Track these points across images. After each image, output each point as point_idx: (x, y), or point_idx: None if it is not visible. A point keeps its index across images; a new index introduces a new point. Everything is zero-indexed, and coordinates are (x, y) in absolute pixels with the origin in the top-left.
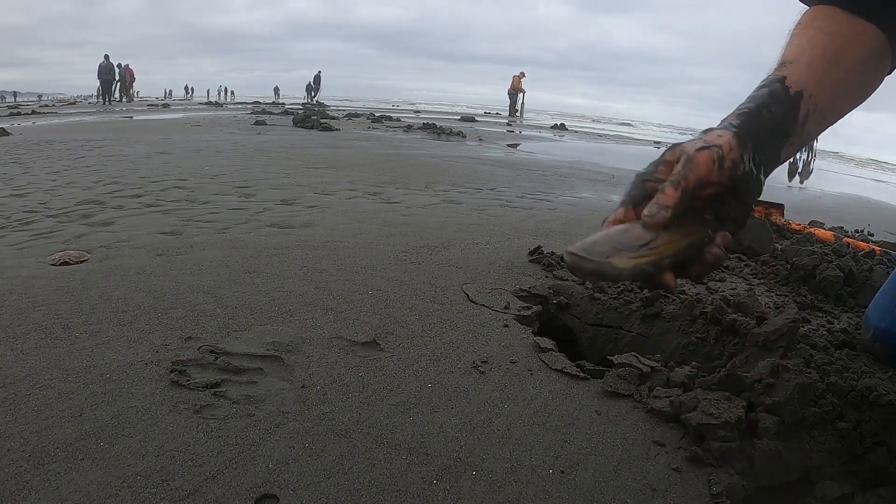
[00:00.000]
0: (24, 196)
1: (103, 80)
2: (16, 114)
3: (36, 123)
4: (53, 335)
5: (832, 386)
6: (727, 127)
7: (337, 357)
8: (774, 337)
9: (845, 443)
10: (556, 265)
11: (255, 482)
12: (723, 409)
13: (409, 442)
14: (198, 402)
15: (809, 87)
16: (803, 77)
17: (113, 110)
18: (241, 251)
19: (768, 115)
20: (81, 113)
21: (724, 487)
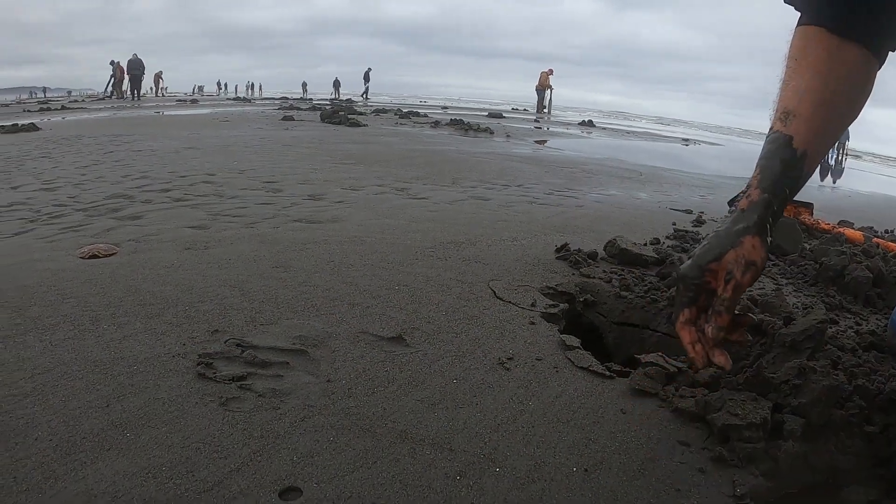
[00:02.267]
0: (53, 190)
1: (132, 75)
2: (45, 109)
3: (65, 119)
4: (82, 327)
5: (859, 388)
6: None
7: (362, 352)
8: (802, 338)
9: (872, 446)
10: (582, 262)
11: (280, 475)
12: (748, 410)
13: (433, 437)
14: (224, 395)
15: (813, 141)
16: (807, 135)
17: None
18: (268, 246)
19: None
20: (110, 108)
21: (748, 489)
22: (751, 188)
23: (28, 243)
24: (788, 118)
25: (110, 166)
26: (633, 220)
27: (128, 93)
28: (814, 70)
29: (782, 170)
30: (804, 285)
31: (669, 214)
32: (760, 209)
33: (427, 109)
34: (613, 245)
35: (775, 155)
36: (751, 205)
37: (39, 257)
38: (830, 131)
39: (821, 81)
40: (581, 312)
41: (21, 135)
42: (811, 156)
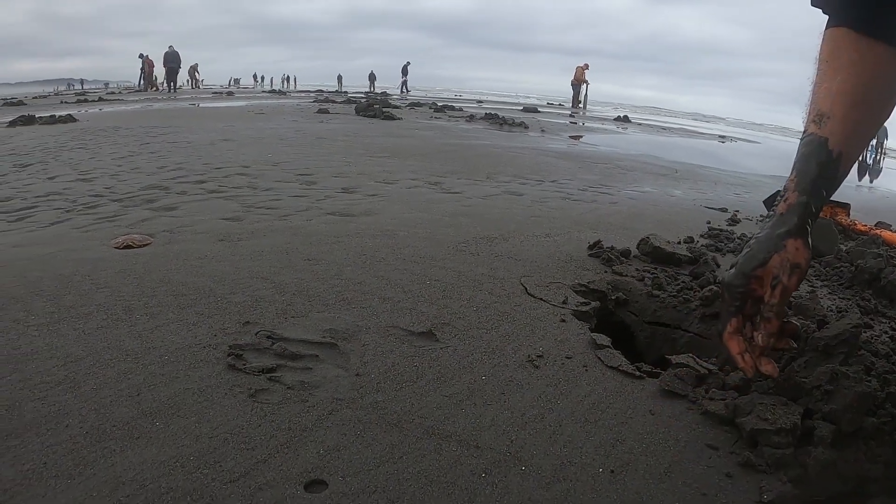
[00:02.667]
0: (90, 181)
1: (168, 67)
2: (83, 101)
3: (102, 110)
4: (115, 317)
5: (892, 396)
6: (798, 230)
7: (392, 346)
8: (836, 342)
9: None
10: (615, 260)
11: (306, 467)
12: (778, 415)
13: (459, 434)
14: (253, 387)
15: (848, 142)
16: (842, 136)
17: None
18: (301, 238)
19: (823, 190)
20: (147, 100)
21: (775, 496)
22: (788, 191)
23: (64, 233)
24: (823, 120)
25: (146, 158)
26: (668, 218)
27: (159, 85)
28: (845, 71)
29: (818, 172)
30: (839, 288)
31: (704, 213)
32: (800, 211)
33: (462, 103)
34: (646, 243)
35: (811, 157)
36: (790, 208)
37: (75, 247)
38: (864, 131)
39: (853, 82)
40: (613, 311)
41: (58, 126)
42: (846, 156)
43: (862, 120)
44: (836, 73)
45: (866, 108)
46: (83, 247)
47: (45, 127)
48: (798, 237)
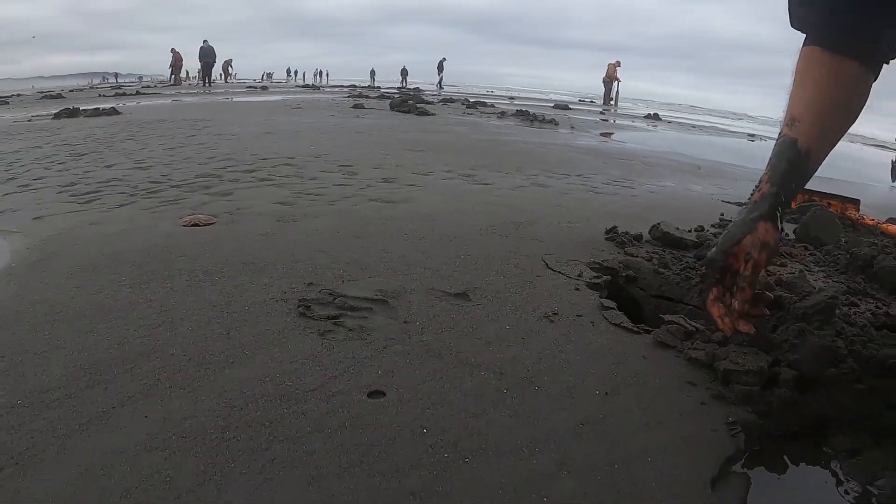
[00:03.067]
0: (146, 169)
1: (204, 63)
2: (121, 94)
3: (140, 104)
4: (196, 279)
5: (854, 352)
6: (768, 215)
7: (433, 303)
8: (813, 311)
9: (860, 403)
10: (628, 243)
11: (368, 382)
12: (749, 360)
13: (487, 364)
14: (321, 329)
15: (815, 143)
16: (810, 137)
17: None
18: (348, 220)
19: (792, 184)
20: (183, 94)
21: (739, 420)
22: (762, 182)
23: (133, 214)
24: (794, 123)
25: (195, 149)
26: (683, 210)
27: (191, 79)
28: (815, 83)
29: (788, 167)
30: (834, 273)
31: (720, 206)
32: (770, 199)
33: (494, 99)
34: (657, 229)
35: (783, 155)
36: (762, 196)
37: (146, 225)
38: (830, 134)
39: (821, 93)
40: (623, 286)
41: (103, 118)
42: (814, 155)
43: (828, 124)
44: (807, 84)
45: (832, 114)
46: (154, 225)
47: (91, 119)
48: (768, 220)
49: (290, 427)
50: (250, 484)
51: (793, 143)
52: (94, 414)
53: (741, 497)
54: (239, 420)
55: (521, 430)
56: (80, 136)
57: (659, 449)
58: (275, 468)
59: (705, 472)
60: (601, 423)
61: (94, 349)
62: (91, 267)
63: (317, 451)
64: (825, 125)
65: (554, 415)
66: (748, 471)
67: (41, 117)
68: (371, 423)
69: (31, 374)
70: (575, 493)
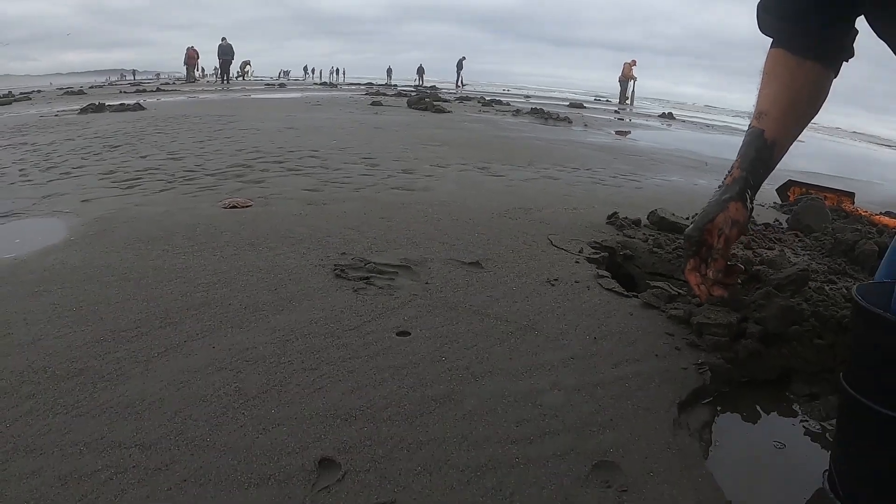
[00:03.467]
0: (179, 159)
1: (222, 60)
2: (141, 90)
3: (161, 100)
4: (242, 248)
5: (816, 313)
6: (739, 196)
7: (450, 269)
8: (786, 281)
9: (820, 356)
10: (627, 227)
11: (395, 325)
12: (720, 316)
13: (495, 314)
14: (355, 287)
15: (780, 134)
16: (775, 129)
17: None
18: (373, 204)
19: (760, 169)
20: (202, 91)
21: (708, 362)
22: (734, 168)
23: (174, 197)
24: (762, 117)
25: (223, 142)
26: (685, 200)
27: (206, 77)
28: (780, 81)
29: (756, 155)
30: (819, 256)
31: None
32: (741, 183)
33: (509, 98)
34: (654, 214)
35: (751, 144)
36: (734, 180)
37: (188, 206)
38: (794, 127)
39: (786, 90)
40: (621, 264)
41: (129, 113)
42: (779, 145)
43: (792, 117)
44: (773, 82)
45: (795, 109)
46: (195, 206)
47: (117, 114)
48: (738, 200)
49: (334, 354)
50: (304, 392)
51: (760, 133)
52: (169, 345)
53: (705, 421)
54: (291, 349)
55: (521, 360)
56: (111, 129)
57: (635, 377)
58: (323, 381)
59: (673, 397)
60: (588, 358)
61: (161, 300)
62: (146, 239)
63: (356, 370)
64: (788, 119)
65: (549, 351)
66: (714, 406)
67: (67, 112)
68: (399, 353)
69: (109, 319)
70: (563, 404)
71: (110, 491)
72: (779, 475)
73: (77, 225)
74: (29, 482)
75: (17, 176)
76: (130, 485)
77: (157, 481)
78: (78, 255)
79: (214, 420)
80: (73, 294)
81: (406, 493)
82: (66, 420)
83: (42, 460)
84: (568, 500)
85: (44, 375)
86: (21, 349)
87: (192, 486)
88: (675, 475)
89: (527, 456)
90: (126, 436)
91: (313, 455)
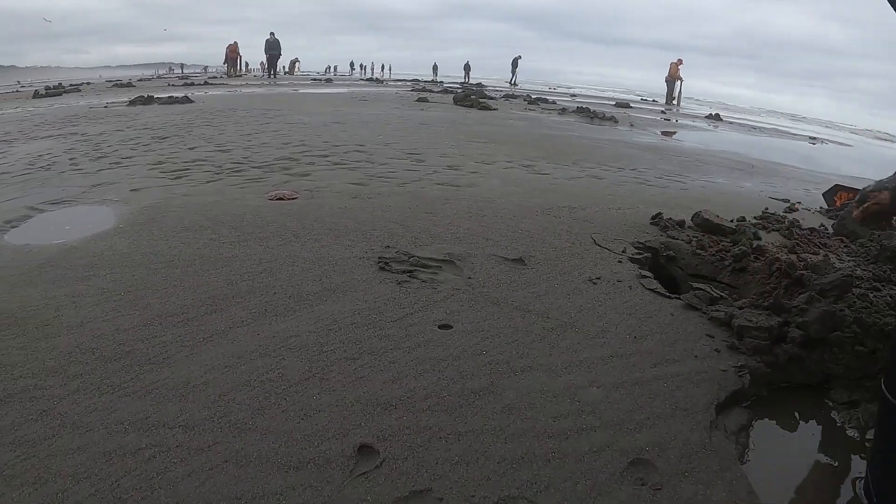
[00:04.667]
0: (227, 152)
1: (269, 55)
2: (189, 84)
3: (209, 93)
4: (287, 239)
5: (859, 320)
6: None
7: (493, 264)
8: (829, 287)
9: (861, 363)
10: (671, 228)
11: (437, 318)
12: (761, 319)
13: (537, 310)
14: (398, 279)
15: None
16: None
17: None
18: (418, 199)
19: None
20: (249, 85)
21: (748, 365)
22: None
23: (222, 188)
24: None
25: (270, 135)
26: (729, 203)
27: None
28: None
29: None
30: (864, 262)
31: (766, 202)
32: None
33: (555, 96)
34: (698, 216)
35: None
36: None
37: (235, 197)
38: None
39: None
40: (663, 265)
41: (177, 106)
42: None
43: None
44: None
45: None
46: (242, 197)
47: (165, 107)
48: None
49: (376, 344)
50: (346, 380)
51: None
52: (215, 331)
53: (743, 423)
54: (334, 339)
55: (561, 356)
56: (159, 121)
57: (673, 377)
58: (364, 371)
59: (711, 398)
60: (627, 357)
61: (208, 287)
62: (193, 227)
63: (398, 361)
64: None
65: (589, 349)
66: (751, 409)
67: (116, 104)
68: (440, 345)
69: (156, 304)
70: (600, 401)
71: (153, 468)
72: (814, 481)
73: (126, 213)
74: (74, 457)
75: (67, 165)
76: (173, 463)
77: (199, 461)
78: (126, 241)
79: (257, 404)
80: (122, 279)
81: (442, 482)
82: (112, 399)
83: (87, 437)
84: (601, 495)
85: (91, 356)
86: (70, 331)
87: (232, 466)
88: (709, 476)
89: (562, 450)
90: (170, 416)
91: (353, 441)
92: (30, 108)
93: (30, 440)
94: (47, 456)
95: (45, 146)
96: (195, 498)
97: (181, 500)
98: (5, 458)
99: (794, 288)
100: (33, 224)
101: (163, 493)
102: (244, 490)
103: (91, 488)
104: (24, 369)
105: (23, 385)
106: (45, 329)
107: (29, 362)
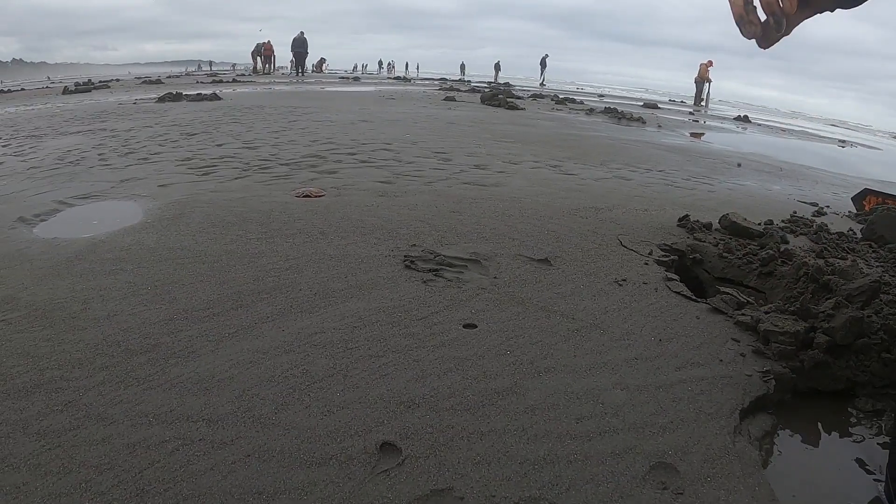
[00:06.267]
0: (255, 149)
1: (296, 52)
2: (217, 81)
3: (237, 91)
4: (313, 236)
5: (885, 326)
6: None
7: (519, 265)
8: (857, 292)
9: (887, 370)
10: (697, 230)
11: (463, 317)
12: (788, 324)
13: (562, 311)
14: (424, 278)
15: None
16: None
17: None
18: (444, 198)
19: None
20: (277, 83)
21: (773, 370)
22: None
23: (249, 185)
24: None
25: (298, 133)
26: (757, 206)
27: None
28: None
29: None
30: (893, 268)
31: (794, 205)
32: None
33: (583, 96)
34: (726, 218)
35: None
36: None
37: (262, 194)
38: None
39: None
40: (689, 268)
41: (205, 103)
42: None
43: None
44: None
45: None
46: (269, 194)
47: (194, 104)
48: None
49: (400, 343)
50: (370, 377)
51: None
52: (240, 327)
53: (767, 429)
54: (359, 336)
55: (585, 358)
56: (188, 118)
57: (698, 381)
58: (388, 369)
59: (736, 403)
60: (652, 359)
61: (234, 283)
62: (220, 223)
63: (422, 359)
64: None
65: (613, 350)
66: (776, 414)
67: (144, 101)
68: (465, 345)
69: (183, 298)
70: (624, 403)
71: (176, 461)
72: (838, 488)
73: (153, 208)
74: (98, 448)
75: (96, 160)
76: (196, 456)
77: (222, 454)
78: (154, 236)
79: (280, 400)
80: (149, 273)
81: (463, 482)
82: (136, 392)
83: (112, 429)
84: (623, 499)
85: (118, 349)
86: (97, 323)
87: (255, 461)
88: (732, 482)
89: (585, 452)
90: (194, 410)
91: (375, 439)
92: (59, 104)
93: (55, 430)
94: (71, 446)
95: (74, 141)
96: (217, 491)
97: (203, 493)
98: (30, 448)
99: (821, 293)
100: (62, 218)
101: (185, 486)
102: (266, 484)
103: (114, 479)
104: (51, 361)
105: (49, 376)
106: (73, 321)
107: (55, 354)
